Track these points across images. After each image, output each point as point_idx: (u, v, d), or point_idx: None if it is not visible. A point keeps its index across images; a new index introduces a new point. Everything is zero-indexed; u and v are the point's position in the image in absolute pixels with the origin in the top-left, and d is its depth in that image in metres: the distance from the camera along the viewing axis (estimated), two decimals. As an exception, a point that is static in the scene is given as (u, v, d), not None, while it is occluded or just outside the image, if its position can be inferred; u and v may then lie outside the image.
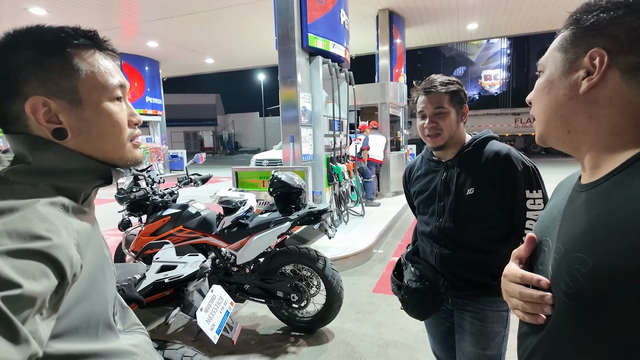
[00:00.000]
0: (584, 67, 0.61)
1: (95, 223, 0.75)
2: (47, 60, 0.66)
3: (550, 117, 0.68)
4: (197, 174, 3.44)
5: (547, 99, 0.68)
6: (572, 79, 0.63)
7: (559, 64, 0.66)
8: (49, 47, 0.66)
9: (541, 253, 0.73)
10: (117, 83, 0.73)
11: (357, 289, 3.90)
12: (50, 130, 0.67)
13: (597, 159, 0.64)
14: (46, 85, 0.66)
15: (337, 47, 5.82)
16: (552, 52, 0.68)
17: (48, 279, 0.54)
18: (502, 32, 12.76)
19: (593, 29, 0.61)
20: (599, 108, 0.61)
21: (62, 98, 0.67)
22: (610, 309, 0.54)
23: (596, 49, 0.60)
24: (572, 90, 0.63)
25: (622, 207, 0.55)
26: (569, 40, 0.65)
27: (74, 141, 0.69)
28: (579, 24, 0.63)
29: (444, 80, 1.45)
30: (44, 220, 0.58)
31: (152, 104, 14.79)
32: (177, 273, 1.87)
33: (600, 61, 0.59)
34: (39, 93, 0.65)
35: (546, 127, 0.69)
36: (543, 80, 0.69)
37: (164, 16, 9.71)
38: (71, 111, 0.68)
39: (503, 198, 1.40)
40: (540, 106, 0.69)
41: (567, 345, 0.62)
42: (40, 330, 0.54)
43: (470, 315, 1.49)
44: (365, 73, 11.29)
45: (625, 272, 0.52)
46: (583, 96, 0.62)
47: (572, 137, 0.66)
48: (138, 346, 0.80)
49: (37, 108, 0.65)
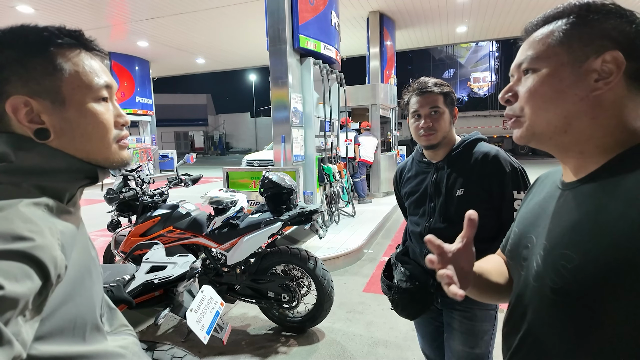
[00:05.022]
0: (595, 68, 0.61)
1: (81, 223, 0.74)
2: (30, 60, 0.65)
3: (553, 116, 0.65)
4: (187, 175, 3.42)
5: (551, 97, 0.64)
6: (584, 80, 0.62)
7: (565, 62, 0.63)
8: (31, 46, 0.65)
9: (524, 249, 0.75)
10: (103, 83, 0.72)
11: (348, 289, 3.91)
12: (32, 131, 0.65)
13: (584, 158, 0.65)
14: (28, 85, 0.65)
15: (328, 48, 5.84)
16: (549, 48, 0.65)
17: (31, 280, 0.53)
18: (490, 35, 12.92)
19: (600, 30, 0.61)
20: (603, 110, 0.62)
21: (44, 98, 0.66)
22: (595, 304, 0.56)
23: (613, 52, 0.59)
24: (585, 90, 0.62)
25: (606, 205, 0.57)
26: (574, 37, 0.63)
27: (57, 141, 0.68)
28: (584, 23, 0.63)
29: (437, 82, 1.49)
30: (26, 221, 0.57)
31: (142, 104, 14.64)
32: (166, 274, 1.85)
33: (617, 65, 0.60)
34: (20, 92, 0.64)
35: (543, 126, 0.66)
36: (544, 78, 0.65)
37: (154, 16, 9.63)
38: (54, 111, 0.67)
39: (491, 198, 1.42)
40: (540, 104, 0.66)
41: (552, 340, 0.63)
42: (23, 332, 0.53)
43: (459, 315, 1.51)
44: (356, 74, 11.34)
45: (610, 269, 0.54)
46: (593, 98, 0.61)
47: (566, 138, 0.65)
48: (126, 348, 0.79)
49: (18, 108, 0.64)
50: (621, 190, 0.57)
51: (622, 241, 0.53)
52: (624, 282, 0.52)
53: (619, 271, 0.53)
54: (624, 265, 0.52)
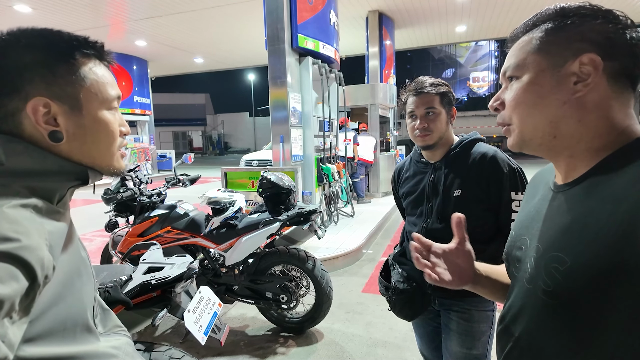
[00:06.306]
0: (574, 71, 0.62)
1: (71, 224, 0.74)
2: (56, 64, 0.68)
3: (539, 122, 0.66)
4: (185, 175, 3.41)
5: (535, 104, 0.66)
6: (564, 84, 0.63)
7: (545, 68, 0.64)
8: (59, 52, 0.69)
9: (518, 251, 0.75)
10: (116, 94, 0.76)
11: (347, 289, 3.91)
12: (47, 132, 0.68)
13: (575, 161, 0.65)
14: (51, 89, 0.67)
15: (327, 47, 5.83)
16: (529, 55, 0.66)
17: (17, 282, 0.53)
18: (490, 34, 12.95)
19: (577, 34, 0.62)
20: (588, 112, 0.62)
21: (64, 103, 0.69)
22: (588, 307, 0.56)
23: (590, 54, 0.60)
24: (565, 94, 0.63)
25: (598, 208, 0.57)
26: (551, 43, 0.64)
27: (67, 145, 0.70)
28: (560, 28, 0.64)
29: (434, 82, 1.47)
30: (12, 222, 0.57)
31: (140, 104, 14.63)
32: (164, 274, 1.85)
33: (594, 66, 0.60)
34: (42, 95, 0.66)
35: (531, 132, 0.67)
36: (526, 85, 0.67)
37: (153, 15, 9.61)
38: (71, 116, 0.70)
39: (489, 199, 1.42)
40: (525, 112, 0.67)
41: (545, 342, 0.63)
42: (10, 333, 0.52)
43: (456, 316, 1.51)
44: (355, 74, 11.36)
45: (601, 272, 0.53)
46: (575, 101, 0.62)
47: (556, 142, 0.66)
48: (119, 348, 0.79)
49: (37, 109, 0.66)
50: (609, 192, 0.57)
51: (612, 244, 0.53)
52: (616, 285, 0.52)
53: (610, 274, 0.53)
54: (614, 267, 0.52)
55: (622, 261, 0.51)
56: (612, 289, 0.52)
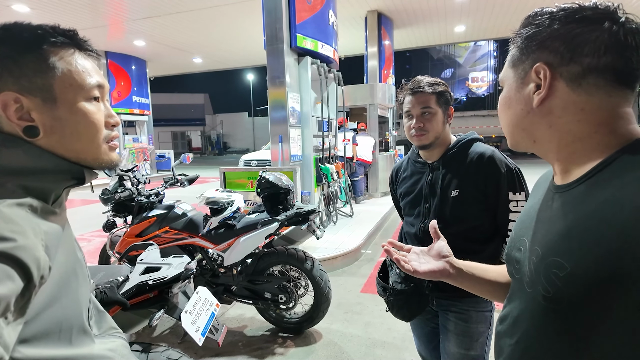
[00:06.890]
0: (533, 81, 0.64)
1: (67, 224, 0.73)
2: (22, 57, 0.65)
3: (514, 130, 0.71)
4: (184, 175, 3.40)
5: (508, 114, 0.71)
6: (525, 94, 0.66)
7: (512, 81, 0.69)
8: (24, 44, 0.66)
9: (517, 252, 0.75)
10: (95, 83, 0.72)
11: (346, 289, 3.91)
12: (22, 128, 0.65)
13: (566, 163, 0.66)
14: (19, 82, 0.65)
15: (326, 47, 5.82)
16: (506, 69, 0.71)
17: (12, 282, 0.52)
18: (489, 34, 12.94)
19: (535, 42, 0.64)
20: (556, 118, 0.63)
21: (35, 95, 0.66)
22: (587, 313, 0.55)
23: (539, 63, 0.63)
24: (528, 104, 0.66)
25: (596, 212, 0.56)
26: (516, 56, 0.68)
27: (46, 140, 0.67)
28: (522, 39, 0.66)
29: (431, 81, 1.47)
30: (8, 222, 0.56)
31: (139, 104, 14.61)
32: (161, 275, 1.84)
33: (544, 75, 0.62)
34: (11, 89, 0.64)
35: (513, 138, 0.73)
36: (502, 96, 0.72)
37: (151, 15, 9.60)
38: (45, 109, 0.67)
39: (487, 199, 1.41)
40: (504, 120, 0.73)
41: (544, 346, 0.63)
42: (5, 334, 0.52)
43: (454, 316, 1.51)
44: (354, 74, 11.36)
45: (601, 278, 0.53)
46: (538, 109, 0.65)
47: (538, 146, 0.69)
48: (114, 350, 0.78)
49: (8, 104, 0.64)
50: (607, 196, 0.56)
51: (612, 250, 0.52)
52: (615, 291, 0.51)
53: (610, 281, 0.52)
54: (614, 275, 0.51)
55: (621, 268, 0.50)
56: (611, 296, 0.52)
